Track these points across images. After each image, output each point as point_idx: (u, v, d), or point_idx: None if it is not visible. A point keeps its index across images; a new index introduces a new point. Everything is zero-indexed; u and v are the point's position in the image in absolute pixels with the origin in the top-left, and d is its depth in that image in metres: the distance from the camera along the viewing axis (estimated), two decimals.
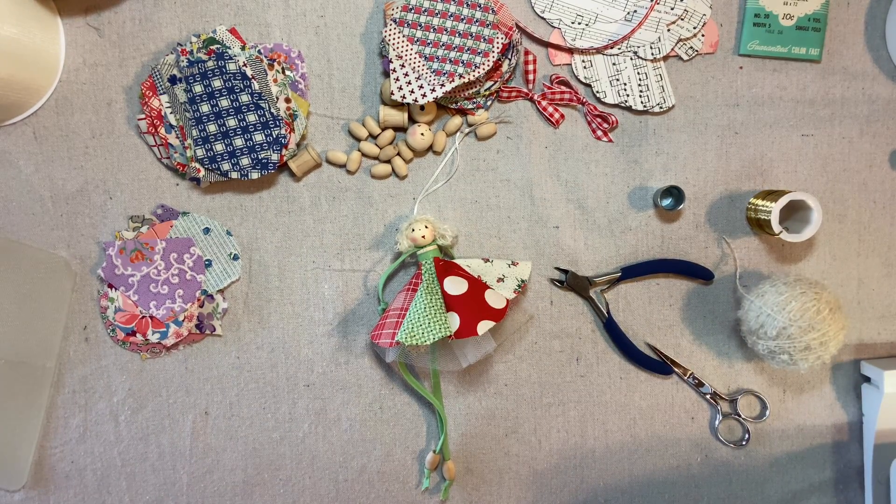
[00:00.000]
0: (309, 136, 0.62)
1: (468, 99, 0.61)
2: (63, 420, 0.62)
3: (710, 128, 0.64)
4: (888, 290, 0.67)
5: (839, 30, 0.65)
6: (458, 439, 0.65)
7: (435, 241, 0.61)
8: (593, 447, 0.66)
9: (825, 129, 0.65)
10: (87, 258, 0.61)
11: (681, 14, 0.62)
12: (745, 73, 0.64)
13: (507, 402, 0.65)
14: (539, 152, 0.63)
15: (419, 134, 0.60)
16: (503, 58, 0.60)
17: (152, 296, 0.61)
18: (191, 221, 0.61)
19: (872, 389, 0.65)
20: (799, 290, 0.59)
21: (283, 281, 0.63)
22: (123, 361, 0.62)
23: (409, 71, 0.58)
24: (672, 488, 0.67)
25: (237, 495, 0.64)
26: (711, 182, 0.65)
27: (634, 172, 0.64)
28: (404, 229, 0.60)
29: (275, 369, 0.64)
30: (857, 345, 0.67)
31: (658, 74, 0.63)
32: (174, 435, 0.63)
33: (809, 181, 0.66)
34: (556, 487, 0.66)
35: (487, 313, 0.58)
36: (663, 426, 0.66)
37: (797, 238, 0.61)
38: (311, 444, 0.64)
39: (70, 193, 0.61)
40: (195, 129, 0.58)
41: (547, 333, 0.65)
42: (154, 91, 0.59)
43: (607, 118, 0.62)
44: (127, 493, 0.63)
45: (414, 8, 0.58)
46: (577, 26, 0.62)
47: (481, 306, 0.58)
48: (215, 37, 0.59)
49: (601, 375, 0.66)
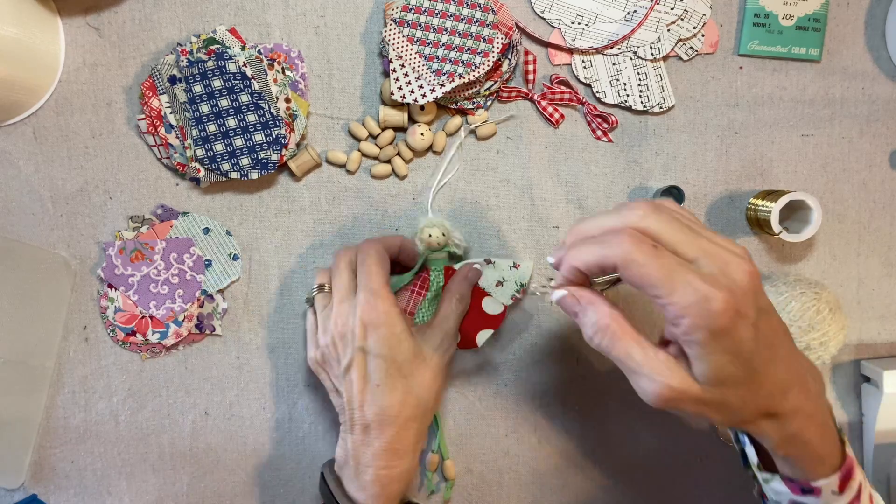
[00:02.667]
0: (309, 136, 0.62)
1: (468, 99, 0.61)
2: (63, 420, 0.62)
3: (710, 128, 0.64)
4: (888, 290, 0.67)
5: (839, 30, 0.65)
6: (458, 439, 0.65)
7: (447, 247, 0.60)
8: (593, 447, 0.66)
9: (825, 129, 0.65)
10: (87, 258, 0.62)
11: (681, 14, 0.62)
12: (745, 73, 0.64)
13: (507, 402, 0.65)
14: (539, 152, 0.63)
15: (419, 134, 0.60)
16: (503, 58, 0.60)
17: (152, 296, 0.61)
18: (191, 221, 0.61)
19: (872, 389, 0.65)
20: (799, 290, 0.59)
21: (283, 281, 0.63)
22: (123, 361, 0.62)
23: (409, 71, 0.58)
24: (672, 488, 0.67)
25: (237, 495, 0.64)
26: (711, 182, 0.65)
27: (634, 172, 0.64)
28: (419, 231, 0.60)
29: (275, 369, 0.64)
30: (857, 345, 0.67)
31: (658, 74, 0.63)
32: (174, 435, 0.63)
33: (809, 181, 0.66)
34: (556, 487, 0.66)
35: (485, 322, 0.59)
36: (663, 426, 0.66)
37: (797, 238, 0.61)
38: (311, 444, 0.65)
39: (70, 193, 0.61)
40: (195, 129, 0.58)
41: (547, 333, 0.65)
42: (154, 91, 0.59)
43: (607, 118, 0.62)
44: (127, 493, 0.63)
45: (414, 8, 0.58)
46: (577, 26, 0.62)
47: (479, 315, 0.59)
48: (215, 37, 0.59)
49: (601, 375, 0.66)
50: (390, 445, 0.52)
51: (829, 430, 0.44)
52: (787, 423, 0.42)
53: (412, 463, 0.54)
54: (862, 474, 0.47)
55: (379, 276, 0.53)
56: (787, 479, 0.46)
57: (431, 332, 0.55)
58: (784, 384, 0.41)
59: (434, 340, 0.55)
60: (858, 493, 0.46)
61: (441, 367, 0.55)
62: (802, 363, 0.44)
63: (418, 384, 0.53)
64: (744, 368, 0.39)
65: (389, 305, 0.51)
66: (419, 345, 0.54)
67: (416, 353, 0.53)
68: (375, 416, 0.51)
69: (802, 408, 0.42)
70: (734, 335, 0.37)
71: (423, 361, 0.53)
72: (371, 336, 0.51)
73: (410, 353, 0.52)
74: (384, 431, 0.51)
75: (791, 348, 0.43)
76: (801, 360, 0.44)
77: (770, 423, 0.42)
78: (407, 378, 0.52)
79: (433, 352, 0.54)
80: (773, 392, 0.41)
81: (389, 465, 0.52)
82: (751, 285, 0.38)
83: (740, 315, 0.37)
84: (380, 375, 0.51)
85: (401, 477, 0.53)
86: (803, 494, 0.45)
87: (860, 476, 0.47)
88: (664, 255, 0.38)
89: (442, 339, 0.55)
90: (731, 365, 0.38)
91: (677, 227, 0.39)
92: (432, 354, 0.54)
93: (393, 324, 0.51)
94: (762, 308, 0.39)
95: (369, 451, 0.52)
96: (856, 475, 0.45)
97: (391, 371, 0.51)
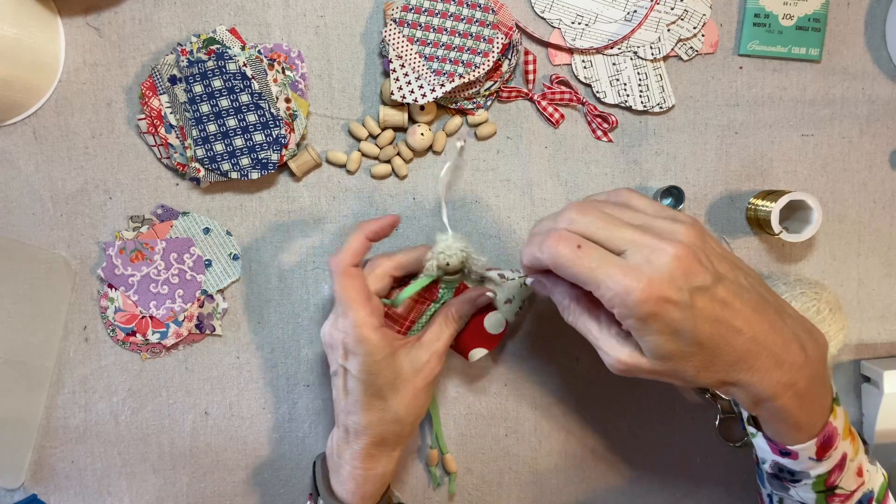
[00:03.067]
0: (309, 136, 0.62)
1: (468, 99, 0.61)
2: (63, 420, 0.62)
3: (710, 128, 0.64)
4: (888, 290, 0.67)
5: (839, 30, 0.65)
6: (458, 439, 0.65)
7: (462, 270, 0.57)
8: (593, 447, 0.66)
9: (825, 129, 0.65)
10: (87, 258, 0.62)
11: (681, 14, 0.62)
12: (745, 73, 0.64)
13: (507, 402, 0.65)
14: (539, 152, 0.63)
15: (419, 134, 0.60)
16: (503, 58, 0.60)
17: (152, 296, 0.61)
18: (191, 221, 0.61)
19: (872, 389, 0.65)
20: (799, 290, 0.59)
21: (283, 281, 0.63)
22: (123, 361, 0.62)
23: (409, 71, 0.58)
24: (672, 488, 0.67)
25: (237, 495, 0.64)
26: (711, 182, 0.65)
27: (634, 172, 0.64)
28: (437, 253, 0.55)
29: (275, 369, 0.64)
30: (857, 345, 0.67)
31: (658, 74, 0.63)
32: (174, 435, 0.63)
33: (809, 181, 0.66)
34: (556, 487, 0.66)
35: (483, 340, 0.58)
36: (663, 426, 0.66)
37: (797, 238, 0.61)
38: (311, 444, 0.65)
39: (70, 193, 0.61)
40: (195, 129, 0.58)
41: (547, 333, 0.65)
42: (154, 91, 0.59)
43: (607, 118, 0.62)
44: (127, 493, 0.63)
45: (414, 8, 0.58)
46: (577, 26, 0.62)
47: (478, 331, 0.58)
48: (215, 37, 0.59)
49: (601, 375, 0.66)
50: (366, 451, 0.53)
51: (813, 399, 0.45)
52: (753, 390, 0.43)
53: (388, 467, 0.54)
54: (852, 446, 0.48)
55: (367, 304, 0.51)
56: (768, 439, 0.48)
57: (417, 351, 0.54)
58: (745, 354, 0.42)
59: (419, 360, 0.53)
60: (842, 462, 0.47)
61: (423, 387, 0.53)
62: (783, 332, 0.43)
63: (397, 404, 0.52)
64: (686, 344, 0.41)
65: (371, 332, 0.50)
66: (401, 367, 0.52)
67: (397, 376, 0.52)
68: (353, 425, 0.53)
69: (771, 376, 0.43)
70: (663, 318, 0.39)
71: (404, 382, 0.52)
72: (351, 360, 0.51)
73: (390, 377, 0.51)
74: (359, 439, 0.53)
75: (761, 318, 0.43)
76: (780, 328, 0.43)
77: (735, 389, 0.44)
78: (385, 400, 0.52)
79: (416, 373, 0.53)
80: (731, 361, 0.42)
81: (364, 467, 0.53)
82: (677, 269, 0.40)
83: (665, 300, 0.39)
84: (357, 394, 0.52)
85: (375, 479, 0.54)
86: (783, 456, 0.48)
87: (845, 447, 0.47)
88: (588, 253, 0.41)
89: (428, 359, 0.53)
90: (669, 343, 0.41)
91: (604, 224, 0.42)
92: (415, 375, 0.53)
93: (373, 353, 0.50)
94: (700, 286, 0.40)
95: (348, 451, 0.54)
96: (837, 444, 0.46)
97: (369, 392, 0.51)
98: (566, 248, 0.41)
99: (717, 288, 0.41)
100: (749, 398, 0.44)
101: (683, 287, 0.40)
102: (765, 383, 0.43)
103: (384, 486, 0.56)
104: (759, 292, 0.45)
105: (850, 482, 0.48)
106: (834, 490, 0.48)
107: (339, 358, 0.52)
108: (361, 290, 0.51)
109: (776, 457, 0.48)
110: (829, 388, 0.47)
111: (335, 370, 0.54)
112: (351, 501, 0.54)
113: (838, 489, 0.48)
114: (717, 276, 0.42)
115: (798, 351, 0.44)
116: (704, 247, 0.42)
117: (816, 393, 0.45)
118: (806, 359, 0.44)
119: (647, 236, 0.41)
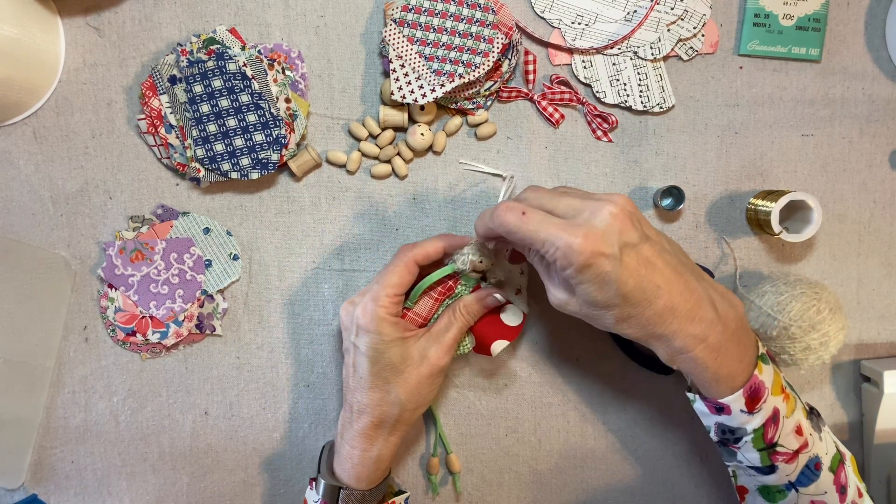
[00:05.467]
0: (309, 136, 0.62)
1: (468, 99, 0.61)
2: (63, 420, 0.62)
3: (710, 128, 0.64)
4: (888, 290, 0.67)
5: (839, 30, 0.65)
6: (458, 439, 0.65)
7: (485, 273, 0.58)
8: (593, 447, 0.66)
9: (825, 129, 0.65)
10: (87, 258, 0.61)
11: (681, 14, 0.62)
12: (745, 73, 0.64)
13: (507, 402, 0.65)
14: (539, 152, 0.63)
15: (419, 134, 0.60)
16: (503, 58, 0.60)
17: (152, 296, 0.61)
18: (191, 221, 0.61)
19: (872, 389, 0.65)
20: (799, 290, 0.59)
21: (283, 281, 0.63)
22: (123, 361, 0.62)
23: (409, 71, 0.58)
24: (672, 488, 0.67)
25: (237, 495, 0.64)
26: (711, 182, 0.65)
27: (634, 172, 0.64)
28: (470, 252, 0.56)
29: (275, 369, 0.64)
30: (857, 345, 0.67)
31: (658, 74, 0.63)
32: (174, 435, 0.63)
33: (809, 181, 0.66)
34: (556, 487, 0.66)
35: (502, 332, 0.58)
36: (663, 426, 0.66)
37: (797, 238, 0.61)
38: (311, 444, 0.65)
39: (70, 193, 0.61)
40: (195, 130, 0.58)
41: (547, 333, 0.65)
42: (154, 91, 0.59)
43: (607, 118, 0.62)
44: (127, 493, 0.63)
45: (414, 8, 0.58)
46: (577, 26, 0.62)
47: (496, 324, 0.59)
48: (215, 37, 0.59)
49: (601, 375, 0.66)
50: (365, 431, 0.56)
51: (728, 353, 0.49)
52: (669, 342, 0.48)
53: (383, 451, 0.56)
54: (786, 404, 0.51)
55: (387, 286, 0.55)
56: (703, 398, 0.52)
57: (426, 341, 0.56)
58: (662, 309, 0.47)
59: (426, 350, 0.56)
60: (775, 416, 0.50)
61: (427, 376, 0.55)
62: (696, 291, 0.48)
63: (399, 387, 0.55)
64: (613, 294, 0.46)
65: (385, 314, 0.54)
66: (409, 353, 0.55)
67: (403, 360, 0.55)
68: (356, 403, 0.56)
69: (685, 330, 0.48)
70: (595, 269, 0.45)
71: (409, 368, 0.55)
72: (361, 337, 0.55)
73: (395, 360, 0.54)
74: (361, 418, 0.56)
75: (679, 278, 0.48)
76: (695, 287, 0.48)
77: (655, 342, 0.49)
78: (388, 382, 0.55)
79: (422, 360, 0.55)
80: (649, 316, 0.47)
81: (362, 447, 0.56)
82: (612, 226, 0.45)
83: (598, 254, 0.44)
84: (363, 371, 0.55)
85: (371, 461, 0.56)
86: (718, 413, 0.51)
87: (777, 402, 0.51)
88: (532, 217, 0.46)
89: (435, 350, 0.56)
90: (597, 293, 0.46)
91: (549, 196, 0.49)
92: (420, 363, 0.55)
93: (382, 332, 0.54)
94: (629, 243, 0.45)
95: (350, 431, 0.56)
96: (766, 398, 0.50)
97: (373, 371, 0.55)
98: (513, 215, 0.47)
99: (643, 246, 0.46)
100: (667, 350, 0.49)
101: (615, 242, 0.45)
102: (679, 336, 0.48)
103: (380, 470, 0.57)
104: (679, 257, 0.50)
105: (790, 440, 0.51)
106: (774, 447, 0.51)
107: (352, 336, 0.55)
108: (400, 285, 0.55)
109: (714, 416, 0.52)
110: (749, 346, 0.51)
111: (346, 347, 0.57)
112: (347, 482, 0.56)
113: (778, 446, 0.51)
114: (643, 236, 0.47)
115: (709, 308, 0.48)
116: (635, 212, 0.48)
117: (731, 348, 0.49)
118: (717, 315, 0.48)
119: (586, 201, 0.47)
